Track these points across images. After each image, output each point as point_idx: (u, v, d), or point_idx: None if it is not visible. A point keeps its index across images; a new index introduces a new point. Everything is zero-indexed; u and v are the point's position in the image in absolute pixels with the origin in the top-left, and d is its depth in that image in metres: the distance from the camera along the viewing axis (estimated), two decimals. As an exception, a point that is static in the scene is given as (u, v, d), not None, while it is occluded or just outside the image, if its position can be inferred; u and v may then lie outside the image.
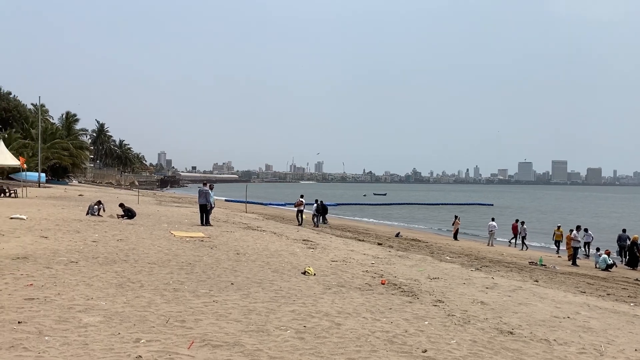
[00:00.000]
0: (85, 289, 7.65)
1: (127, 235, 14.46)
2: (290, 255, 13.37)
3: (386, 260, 14.41)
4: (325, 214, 32.83)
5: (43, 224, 15.76)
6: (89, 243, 12.41)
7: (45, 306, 6.56)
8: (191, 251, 12.42)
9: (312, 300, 8.15)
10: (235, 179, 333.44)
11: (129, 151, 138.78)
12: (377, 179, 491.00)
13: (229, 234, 17.04)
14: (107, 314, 6.38)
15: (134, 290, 7.86)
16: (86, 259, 10.21)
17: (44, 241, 12.20)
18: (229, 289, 8.51)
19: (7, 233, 13.13)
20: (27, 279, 8.05)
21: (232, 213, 32.62)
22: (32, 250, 10.86)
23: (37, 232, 13.61)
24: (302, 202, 29.82)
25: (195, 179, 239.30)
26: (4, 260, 9.48)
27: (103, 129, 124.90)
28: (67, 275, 8.58)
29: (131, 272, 9.29)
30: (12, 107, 78.10)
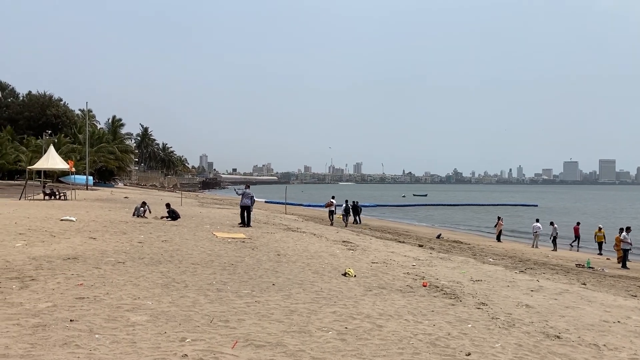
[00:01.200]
0: (133, 289, 7.88)
1: (171, 236, 14.80)
2: (331, 256, 13.40)
3: (427, 262, 14.26)
4: (359, 214, 33.50)
5: (91, 225, 16.31)
6: (135, 244, 12.77)
7: (95, 305, 6.79)
8: (233, 252, 12.62)
9: (353, 301, 8.14)
10: (274, 181, 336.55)
11: (172, 154, 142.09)
12: (416, 179, 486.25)
13: (269, 235, 17.21)
14: (154, 313, 6.55)
15: (179, 290, 8.05)
16: (133, 260, 10.51)
17: (92, 242, 12.62)
18: (271, 289, 8.60)
19: (58, 234, 13.65)
20: (78, 279, 8.35)
21: (272, 214, 32.93)
22: (82, 251, 11.26)
23: (86, 234, 14.10)
24: (332, 203, 31.07)
25: (235, 181, 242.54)
26: (56, 261, 9.86)
27: (147, 133, 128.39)
28: (115, 275, 8.85)
29: (176, 272, 9.51)
30: (61, 113, 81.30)
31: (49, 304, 6.71)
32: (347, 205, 31.12)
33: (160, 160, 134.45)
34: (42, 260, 9.79)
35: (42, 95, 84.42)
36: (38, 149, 61.61)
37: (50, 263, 9.59)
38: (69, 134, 75.25)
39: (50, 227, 15.13)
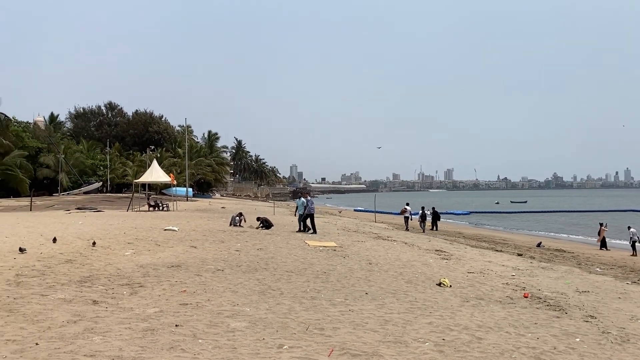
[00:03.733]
0: (232, 296, 8.17)
1: (266, 244, 15.23)
2: (424, 265, 13.13)
3: (528, 272, 13.55)
4: (437, 220, 33.75)
5: (192, 234, 17.17)
6: (233, 252, 13.27)
7: (197, 311, 7.12)
8: (325, 260, 12.73)
9: (450, 312, 7.91)
10: (363, 189, 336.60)
11: (264, 165, 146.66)
12: (512, 185, 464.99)
13: (360, 244, 17.19)
14: (252, 320, 6.75)
15: (275, 297, 8.24)
16: (231, 267, 10.92)
17: (193, 251, 13.28)
18: (364, 298, 8.57)
19: (162, 243, 14.51)
20: (181, 286, 8.81)
21: (362, 223, 32.90)
22: (184, 259, 11.88)
23: (187, 243, 14.86)
24: (407, 210, 31.84)
25: (324, 190, 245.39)
26: (161, 268, 10.47)
27: (241, 146, 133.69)
28: (215, 282, 9.24)
29: (271, 280, 9.75)
30: (162, 130, 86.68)
31: (156, 309, 7.12)
32: (422, 212, 31.80)
33: (253, 172, 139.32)
34: (148, 268, 10.43)
35: (145, 113, 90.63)
36: (142, 163, 66.09)
37: (156, 270, 10.20)
38: (170, 149, 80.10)
39: (155, 236, 16.10)
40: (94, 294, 7.93)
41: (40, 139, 62.84)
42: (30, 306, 7.02)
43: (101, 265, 10.61)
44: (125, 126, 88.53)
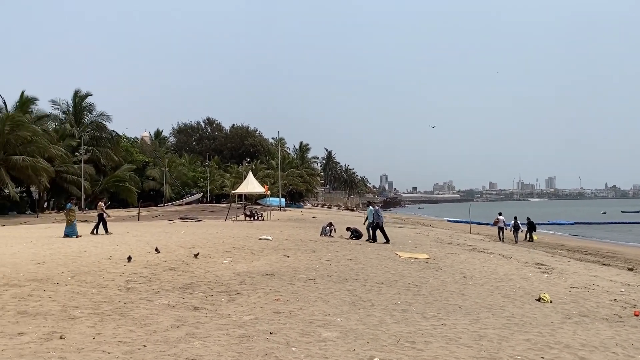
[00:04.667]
0: (323, 305, 8.30)
1: (356, 255, 15.29)
2: (522, 279, 12.54)
3: (639, 287, 12.49)
4: (532, 231, 32.40)
5: (285, 244, 17.63)
6: (324, 262, 13.47)
7: (290, 319, 7.31)
8: (417, 272, 12.55)
9: (550, 329, 7.49)
10: (456, 199, 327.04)
11: (354, 175, 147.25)
12: (623, 194, 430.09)
13: (454, 256, 16.75)
14: (343, 330, 6.81)
15: (365, 308, 8.26)
16: (322, 277, 11.09)
17: (286, 260, 13.64)
18: (457, 312, 8.35)
19: (258, 252, 15.03)
20: (275, 294, 9.08)
21: (456, 234, 32.00)
22: (278, 267, 12.23)
23: (280, 252, 15.29)
24: (500, 220, 31.01)
25: (415, 200, 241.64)
26: (256, 277, 10.86)
27: (331, 156, 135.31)
28: (307, 291, 9.43)
29: (362, 290, 9.78)
30: (257, 142, 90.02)
31: (252, 316, 7.41)
32: (515, 222, 30.81)
33: (343, 182, 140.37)
34: (245, 276, 10.86)
35: (241, 127, 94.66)
36: (239, 175, 68.95)
37: (251, 278, 10.60)
38: (264, 161, 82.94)
39: (251, 245, 16.72)
40: (194, 300, 8.39)
41: (146, 153, 67.64)
42: (138, 310, 7.57)
43: (201, 272, 11.20)
44: (223, 140, 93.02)
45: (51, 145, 42.89)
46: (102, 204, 21.87)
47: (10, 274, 10.57)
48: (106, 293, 8.75)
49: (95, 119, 54.90)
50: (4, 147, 38.81)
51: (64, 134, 50.49)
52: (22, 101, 45.96)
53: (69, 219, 19.55)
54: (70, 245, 16.19)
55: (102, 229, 21.03)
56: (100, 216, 21.21)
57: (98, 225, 21.12)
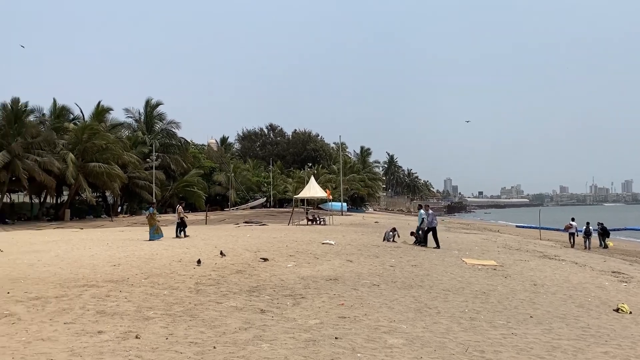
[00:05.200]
0: (388, 312, 8.24)
1: (420, 261, 15.07)
2: (598, 288, 11.91)
3: None
4: (606, 237, 30.71)
5: (347, 248, 17.64)
6: (387, 267, 13.36)
7: (355, 325, 7.30)
8: (484, 279, 12.20)
9: (630, 342, 7.08)
10: (525, 203, 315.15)
11: (417, 179, 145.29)
12: None
13: (523, 263, 16.16)
14: (409, 337, 6.73)
15: (432, 316, 8.12)
16: (386, 283, 11.01)
17: (349, 265, 13.64)
18: (528, 322, 8.06)
19: (321, 256, 15.12)
20: (339, 299, 9.11)
21: (525, 240, 30.83)
22: (341, 272, 12.25)
23: (343, 257, 15.31)
24: (572, 225, 29.84)
25: (482, 204, 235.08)
26: (320, 281, 10.93)
27: (393, 160, 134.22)
28: (371, 297, 9.39)
29: (427, 297, 9.63)
30: (318, 147, 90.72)
31: (317, 321, 7.46)
32: (587, 227, 29.30)
33: (405, 186, 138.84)
34: (309, 280, 10.96)
35: (303, 132, 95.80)
36: (301, 179, 69.72)
37: (315, 283, 10.68)
38: (326, 165, 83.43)
39: (314, 249, 16.85)
40: (261, 304, 8.56)
41: (213, 159, 69.73)
42: (208, 312, 7.81)
43: (267, 276, 11.41)
44: (286, 145, 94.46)
45: (125, 153, 45.07)
46: (180, 208, 22.76)
47: (89, 275, 11.20)
48: (177, 295, 9.09)
49: (165, 126, 57.22)
50: (82, 155, 41.15)
51: (137, 141, 52.92)
52: (98, 111, 48.68)
53: (152, 222, 20.40)
54: (143, 248, 16.93)
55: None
56: (182, 220, 22.03)
57: (184, 229, 21.92)
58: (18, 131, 35.84)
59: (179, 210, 22.55)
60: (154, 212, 20.91)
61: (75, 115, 49.34)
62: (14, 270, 11.79)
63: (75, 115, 49.33)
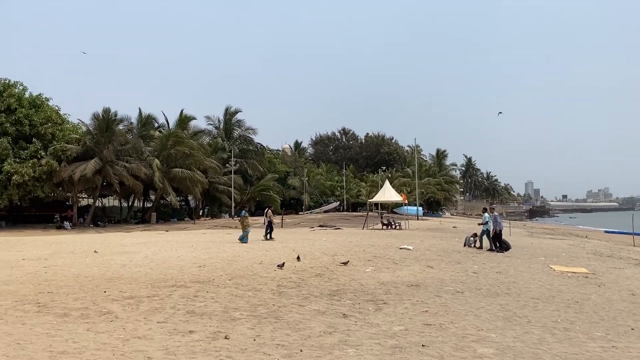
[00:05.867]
0: (474, 320, 7.96)
1: (504, 267, 14.48)
2: None
3: None
4: None
5: (427, 254, 17.28)
6: (470, 274, 12.94)
7: (441, 332, 7.11)
8: (575, 288, 11.52)
9: None
10: (614, 207, 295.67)
11: (496, 183, 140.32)
12: None
13: (617, 271, 15.11)
14: (499, 347, 6.46)
15: (522, 325, 7.76)
16: (470, 290, 10.66)
17: (430, 271, 13.34)
18: (630, 334, 7.50)
19: (399, 262, 14.91)
20: (422, 305, 8.91)
21: (617, 246, 28.87)
22: (422, 278, 12.01)
23: (423, 262, 15.01)
24: None
25: (566, 208, 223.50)
26: (401, 287, 10.76)
27: (471, 163, 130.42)
28: (455, 304, 9.12)
29: (515, 306, 9.21)
30: (392, 150, 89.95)
31: (401, 327, 7.34)
32: None
33: (484, 189, 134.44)
34: (389, 286, 10.82)
35: (377, 136, 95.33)
36: (374, 183, 69.26)
37: (396, 288, 10.53)
38: (400, 169, 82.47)
39: (392, 254, 16.64)
40: (343, 308, 8.54)
41: (287, 164, 70.94)
42: (291, 315, 7.90)
43: (346, 280, 11.39)
44: (359, 149, 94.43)
45: (206, 158, 46.84)
46: (270, 211, 23.39)
47: (177, 275, 11.67)
48: (261, 297, 9.26)
49: (243, 133, 58.95)
50: (167, 161, 43.16)
51: (216, 147, 54.84)
52: (182, 118, 51.00)
53: (244, 225, 21.04)
54: (225, 249, 17.46)
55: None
56: (270, 223, 22.63)
57: (271, 232, 22.52)
58: (109, 139, 38.13)
59: (269, 213, 23.13)
60: (246, 215, 21.50)
61: (160, 123, 51.94)
62: (108, 271, 12.52)
63: (160, 124, 51.93)
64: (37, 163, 33.47)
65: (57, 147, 34.85)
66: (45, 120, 35.54)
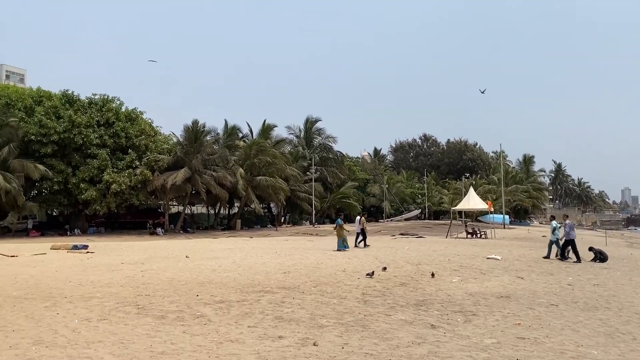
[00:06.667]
0: (572, 335, 7.52)
1: (603, 280, 13.57)
2: None
3: None
4: None
5: (516, 264, 16.57)
6: (564, 286, 12.25)
7: (537, 347, 6.77)
8: (687, 304, 10.56)
9: None
10: None
11: (589, 190, 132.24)
12: None
13: None
14: (603, 366, 6.06)
15: (626, 342, 7.22)
16: (565, 303, 10.09)
17: (520, 282, 12.77)
18: None
19: (487, 272, 14.40)
20: (514, 318, 8.55)
21: None
22: (512, 289, 11.52)
23: (512, 273, 14.40)
24: None
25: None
26: (490, 298, 10.39)
27: (560, 169, 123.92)
28: (550, 317, 8.67)
29: (618, 321, 8.60)
30: (476, 157, 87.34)
31: (493, 340, 7.07)
32: None
33: (576, 197, 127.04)
34: (478, 297, 10.48)
35: (458, 142, 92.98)
36: (457, 191, 67.55)
37: (485, 300, 10.17)
38: (484, 176, 79.87)
39: (478, 264, 16.11)
40: (430, 318, 8.37)
41: (367, 171, 70.86)
42: (378, 324, 7.85)
43: (432, 290, 11.16)
44: (440, 155, 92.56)
45: (287, 167, 47.86)
46: (363, 219, 23.56)
47: (264, 281, 11.99)
48: (346, 304, 9.30)
49: (323, 141, 59.66)
50: (250, 169, 44.53)
51: (297, 155, 55.89)
52: (264, 128, 52.54)
53: (340, 233, 21.26)
54: (308, 256, 17.71)
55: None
56: (363, 230, 22.78)
57: (364, 239, 22.67)
58: (197, 149, 39.95)
59: (362, 220, 23.25)
60: (341, 224, 21.69)
61: (244, 133, 53.71)
62: (200, 275, 13.09)
63: (244, 134, 53.69)
64: (133, 173, 35.70)
65: (150, 158, 37.01)
66: (139, 132, 37.88)
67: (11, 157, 33.51)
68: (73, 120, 34.85)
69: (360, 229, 22.87)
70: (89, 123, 35.46)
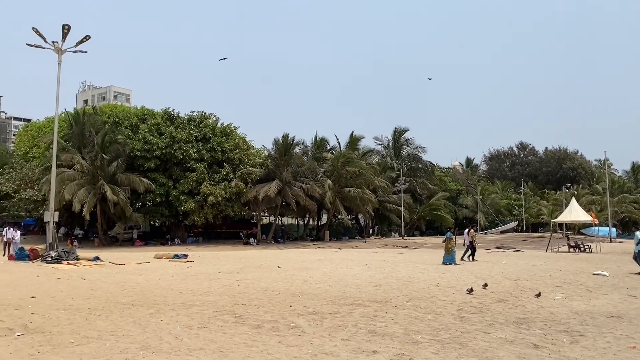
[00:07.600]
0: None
1: None
2: None
3: None
4: None
5: (627, 281, 15.26)
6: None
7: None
8: None
9: None
10: None
11: None
12: None
13: None
14: None
15: None
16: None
17: (633, 300, 11.73)
18: None
19: (594, 289, 13.38)
20: (628, 340, 7.84)
21: None
22: (624, 309, 10.60)
23: (623, 290, 13.27)
24: None
25: None
26: (599, 317, 9.62)
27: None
28: (671, 342, 7.86)
29: None
30: (577, 165, 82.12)
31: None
32: None
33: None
34: (584, 316, 9.76)
35: (558, 150, 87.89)
36: (557, 202, 63.75)
37: (593, 319, 9.44)
38: (586, 185, 74.80)
39: (584, 280, 15.04)
40: (533, 338, 7.90)
41: (459, 181, 68.77)
42: (476, 342, 7.52)
43: (534, 307, 10.55)
44: (538, 164, 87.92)
45: (375, 178, 47.67)
46: (473, 231, 22.95)
47: (355, 294, 11.94)
48: (442, 320, 9.01)
49: (412, 151, 58.85)
50: (338, 181, 44.85)
51: (385, 166, 55.53)
52: (352, 139, 52.80)
53: (449, 247, 20.76)
54: (399, 270, 17.44)
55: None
56: (472, 243, 22.14)
57: (473, 253, 22.05)
58: (287, 162, 40.95)
59: (471, 233, 22.59)
60: (451, 237, 21.16)
61: (332, 145, 54.28)
62: (292, 286, 13.31)
63: (332, 146, 54.26)
64: (228, 185, 37.25)
65: (243, 171, 38.46)
66: (234, 146, 39.54)
67: (119, 172, 36.31)
68: (174, 136, 37.14)
69: (469, 241, 22.07)
70: (188, 139, 37.60)
